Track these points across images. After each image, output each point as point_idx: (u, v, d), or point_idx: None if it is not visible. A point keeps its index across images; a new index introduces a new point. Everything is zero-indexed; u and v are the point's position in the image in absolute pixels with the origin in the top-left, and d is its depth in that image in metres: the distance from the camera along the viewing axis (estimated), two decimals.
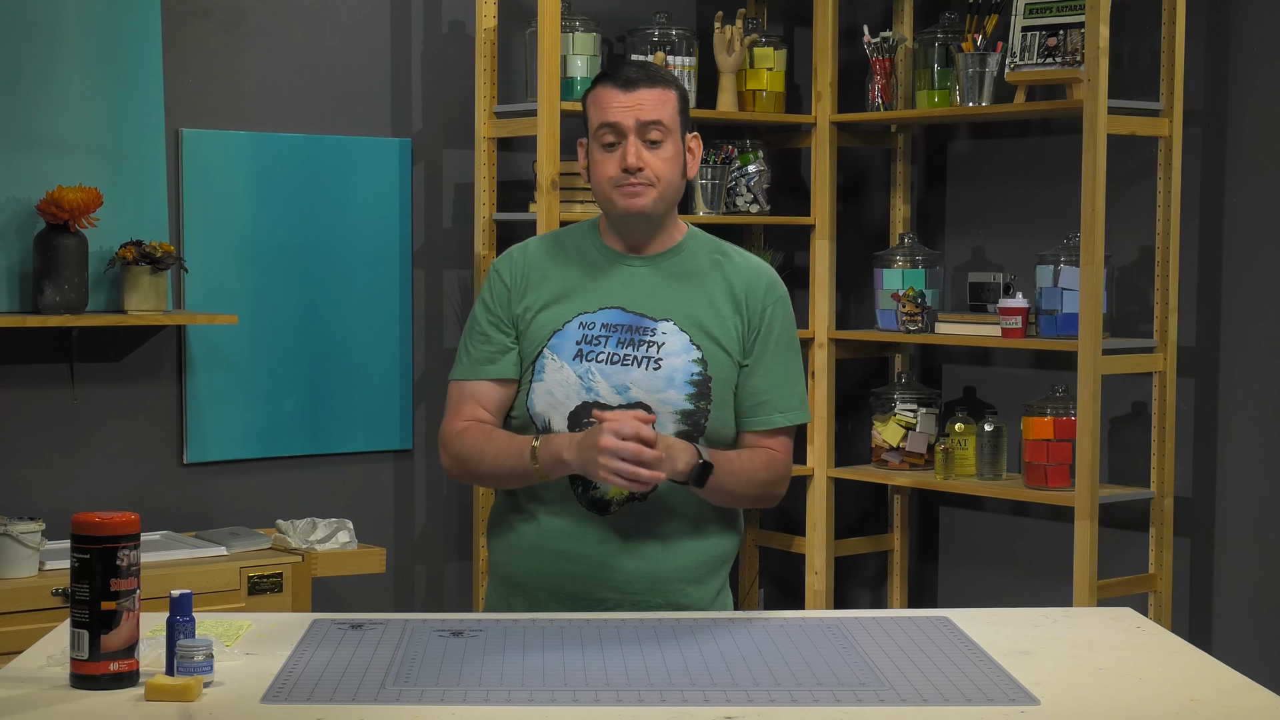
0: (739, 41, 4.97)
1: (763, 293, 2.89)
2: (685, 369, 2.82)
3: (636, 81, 2.81)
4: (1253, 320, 4.58)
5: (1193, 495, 4.71)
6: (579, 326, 2.84)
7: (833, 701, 2.24)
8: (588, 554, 2.83)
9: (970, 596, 5.24)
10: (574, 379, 2.82)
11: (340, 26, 4.62)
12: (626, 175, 2.80)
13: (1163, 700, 2.29)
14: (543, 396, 2.84)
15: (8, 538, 3.81)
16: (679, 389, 2.82)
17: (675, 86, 2.86)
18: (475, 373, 2.88)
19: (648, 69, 2.86)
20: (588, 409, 2.80)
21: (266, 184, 4.50)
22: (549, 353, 2.84)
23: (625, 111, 2.80)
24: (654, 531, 2.83)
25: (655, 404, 2.80)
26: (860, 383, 5.37)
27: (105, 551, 2.27)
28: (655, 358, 2.82)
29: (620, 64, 2.88)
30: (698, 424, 2.83)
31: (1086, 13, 4.36)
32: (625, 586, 2.83)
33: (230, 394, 4.46)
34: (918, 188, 5.39)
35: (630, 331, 2.83)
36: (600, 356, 2.82)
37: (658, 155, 2.81)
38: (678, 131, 2.84)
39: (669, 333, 2.83)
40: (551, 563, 2.85)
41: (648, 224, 2.86)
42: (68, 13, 4.17)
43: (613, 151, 2.81)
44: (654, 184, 2.81)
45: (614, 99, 2.81)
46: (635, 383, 2.81)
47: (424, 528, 4.81)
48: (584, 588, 2.83)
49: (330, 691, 2.27)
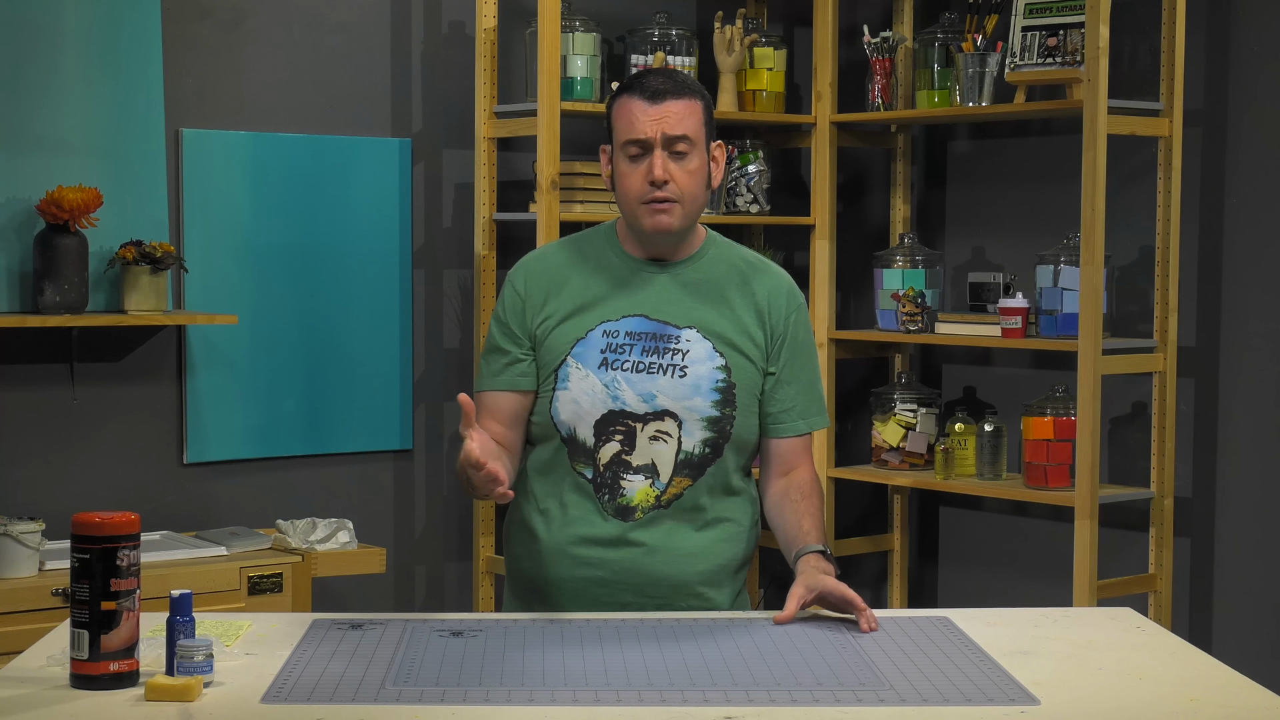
0: (739, 41, 4.97)
1: (784, 301, 2.92)
2: (710, 376, 2.84)
3: (663, 93, 2.80)
4: (1253, 320, 4.59)
5: (1193, 495, 4.71)
6: (603, 335, 2.85)
7: (833, 701, 2.24)
8: (611, 559, 2.84)
9: (970, 596, 5.24)
10: (600, 387, 2.82)
11: (340, 26, 4.62)
12: (652, 189, 2.79)
13: (1163, 700, 2.29)
14: (568, 405, 2.84)
15: (8, 538, 3.81)
16: (705, 396, 2.83)
17: (701, 96, 2.85)
18: (488, 384, 2.90)
19: (674, 79, 2.84)
20: (615, 417, 2.82)
21: (266, 184, 4.50)
22: (573, 361, 2.84)
23: (652, 125, 2.79)
24: (677, 537, 2.85)
25: (682, 411, 2.82)
26: (860, 383, 5.37)
27: (105, 551, 2.27)
28: (680, 365, 2.83)
29: (646, 74, 2.85)
30: (724, 430, 2.84)
31: (1086, 13, 4.36)
32: (649, 590, 2.84)
33: (230, 394, 4.46)
34: (918, 188, 5.39)
35: (655, 339, 2.84)
36: (625, 365, 2.83)
37: (683, 168, 2.80)
38: (703, 143, 2.83)
39: (693, 340, 2.85)
40: (574, 568, 2.86)
41: (671, 239, 2.87)
42: (68, 13, 4.17)
43: (638, 164, 2.81)
44: (679, 200, 2.81)
45: (640, 111, 2.80)
46: (661, 390, 2.82)
47: (424, 528, 4.81)
48: (606, 592, 2.85)
49: (330, 691, 2.27)
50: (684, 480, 2.84)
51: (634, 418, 2.81)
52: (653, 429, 2.82)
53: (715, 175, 2.89)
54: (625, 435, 2.82)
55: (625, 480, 2.83)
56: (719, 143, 2.90)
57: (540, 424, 2.88)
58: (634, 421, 2.82)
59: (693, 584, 2.86)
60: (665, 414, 2.82)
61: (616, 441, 2.83)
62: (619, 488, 2.83)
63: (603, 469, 2.83)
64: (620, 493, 2.83)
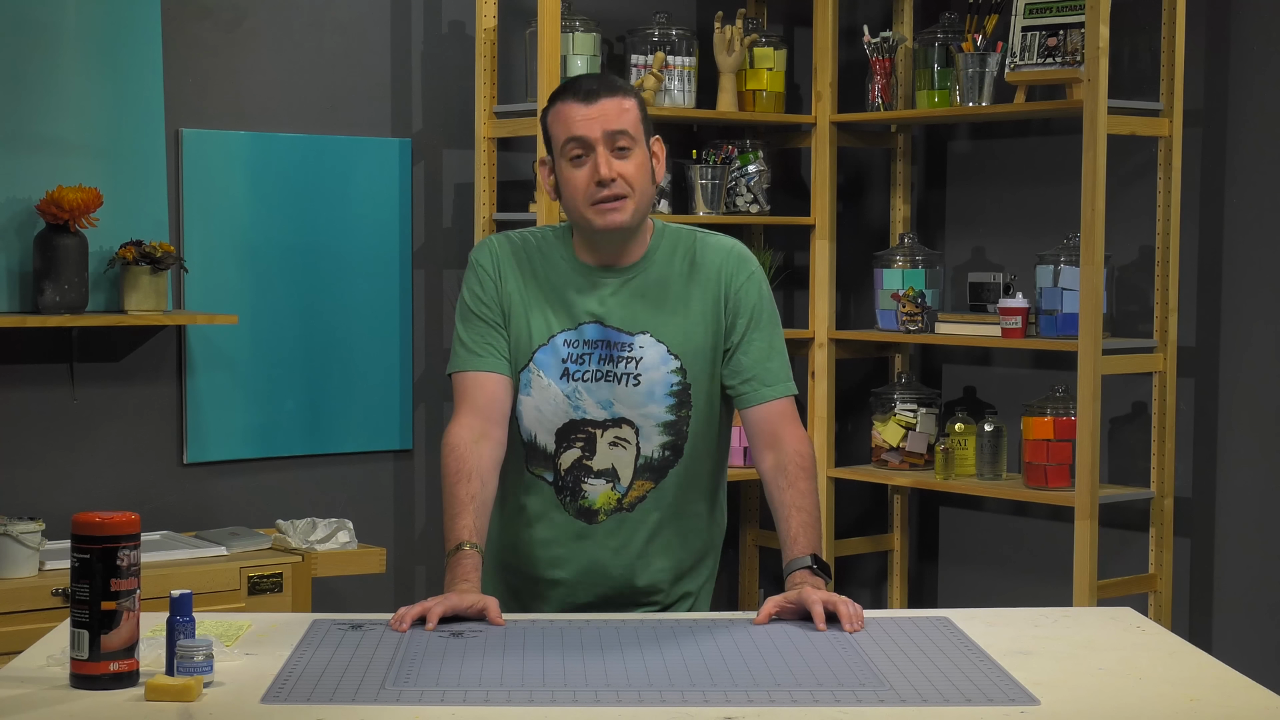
0: (739, 41, 4.97)
1: (733, 272, 2.88)
2: (664, 380, 2.84)
3: (596, 92, 2.78)
4: (1253, 320, 4.58)
5: (1193, 495, 4.71)
6: (564, 344, 2.84)
7: (833, 701, 2.24)
8: (573, 559, 2.87)
9: (970, 596, 5.24)
10: (561, 397, 2.84)
11: (340, 26, 4.62)
12: (600, 188, 2.77)
13: (1163, 700, 2.29)
14: (530, 412, 2.86)
15: (8, 538, 3.81)
16: (659, 402, 2.84)
17: (633, 94, 2.84)
18: (473, 363, 2.85)
19: (604, 79, 2.84)
20: (575, 426, 2.84)
21: (266, 184, 4.50)
22: (535, 368, 2.85)
23: (591, 123, 2.77)
24: (640, 534, 2.87)
25: (638, 418, 2.84)
26: (860, 383, 5.37)
27: (105, 551, 2.27)
28: (635, 374, 2.83)
29: (574, 80, 2.85)
30: (680, 432, 2.86)
31: (1086, 13, 4.36)
32: (616, 585, 2.87)
33: (230, 394, 4.46)
34: (918, 188, 5.39)
35: (609, 348, 2.84)
36: (585, 375, 2.84)
37: (629, 163, 2.79)
38: (643, 138, 2.82)
39: (646, 346, 2.84)
40: (543, 569, 2.90)
41: (625, 236, 2.85)
42: (68, 13, 4.17)
43: (581, 165, 2.78)
44: (629, 194, 2.79)
45: (577, 112, 2.78)
46: (618, 399, 2.83)
47: (424, 528, 4.81)
48: (570, 592, 2.89)
49: (330, 692, 2.27)
50: (646, 483, 2.86)
51: (594, 424, 2.84)
52: (612, 435, 2.84)
53: (659, 171, 2.86)
54: (585, 441, 2.85)
55: (586, 484, 2.85)
56: (657, 138, 2.88)
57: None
58: (594, 428, 2.84)
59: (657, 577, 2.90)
60: (622, 421, 2.84)
61: (578, 448, 2.85)
62: (580, 490, 2.86)
63: (564, 473, 2.86)
64: (582, 495, 2.86)
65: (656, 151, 2.87)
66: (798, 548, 2.78)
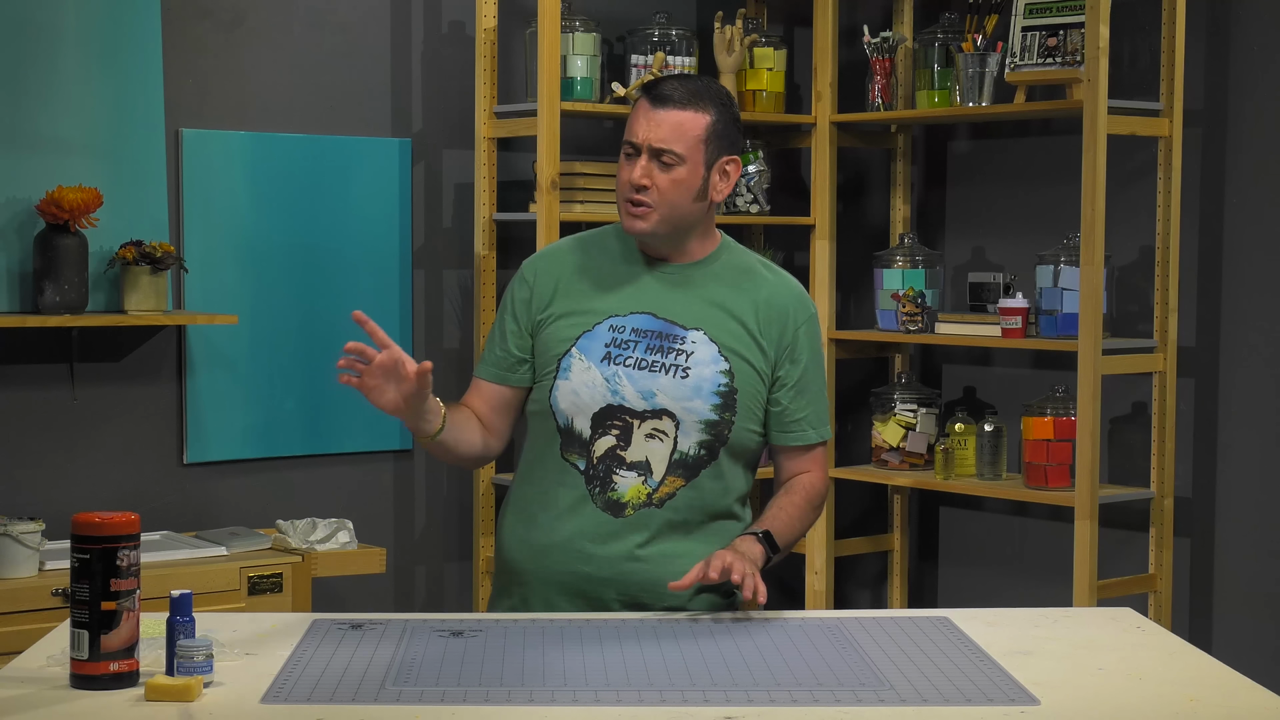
0: (739, 41, 4.97)
1: (794, 312, 2.92)
2: (713, 379, 2.84)
3: (668, 100, 2.80)
4: (1253, 320, 4.59)
5: (1193, 495, 4.71)
6: (609, 329, 2.86)
7: (833, 701, 2.24)
8: (599, 555, 2.84)
9: (970, 596, 5.24)
10: (600, 381, 2.83)
11: (340, 26, 4.62)
12: (633, 191, 2.82)
13: (1163, 700, 2.29)
14: (567, 395, 2.85)
15: (8, 538, 3.81)
16: (705, 399, 2.84)
17: (712, 108, 2.82)
18: (485, 373, 2.95)
19: (689, 87, 2.83)
20: (613, 412, 2.83)
21: (266, 184, 4.50)
22: (576, 352, 2.86)
23: (646, 129, 2.81)
24: (667, 533, 2.85)
25: (680, 412, 2.83)
26: (860, 383, 5.37)
27: (105, 551, 2.27)
28: (684, 366, 2.84)
29: (667, 78, 2.85)
30: (721, 434, 2.85)
31: (1086, 13, 4.36)
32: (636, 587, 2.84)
33: (230, 394, 4.46)
34: (918, 188, 5.39)
35: (660, 338, 2.85)
36: (628, 361, 2.84)
37: (666, 176, 2.81)
38: (699, 158, 2.81)
39: (699, 342, 2.85)
40: (564, 561, 2.86)
41: (655, 242, 2.88)
42: (68, 13, 4.17)
43: (630, 163, 2.83)
44: (655, 206, 2.81)
45: (643, 113, 2.82)
46: (662, 389, 2.83)
47: (424, 528, 4.81)
48: (592, 586, 2.85)
49: (330, 691, 2.27)
50: (677, 480, 2.84)
51: (632, 414, 2.83)
52: (649, 426, 2.83)
53: (720, 189, 2.86)
54: (622, 430, 2.83)
55: (618, 475, 2.83)
56: (733, 158, 2.86)
57: (538, 411, 2.90)
58: (631, 417, 2.83)
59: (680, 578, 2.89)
60: (663, 413, 2.83)
61: (612, 436, 2.83)
62: (611, 482, 2.84)
63: (596, 462, 2.84)
64: (611, 487, 2.84)
65: (728, 170, 2.86)
66: (762, 524, 2.83)
